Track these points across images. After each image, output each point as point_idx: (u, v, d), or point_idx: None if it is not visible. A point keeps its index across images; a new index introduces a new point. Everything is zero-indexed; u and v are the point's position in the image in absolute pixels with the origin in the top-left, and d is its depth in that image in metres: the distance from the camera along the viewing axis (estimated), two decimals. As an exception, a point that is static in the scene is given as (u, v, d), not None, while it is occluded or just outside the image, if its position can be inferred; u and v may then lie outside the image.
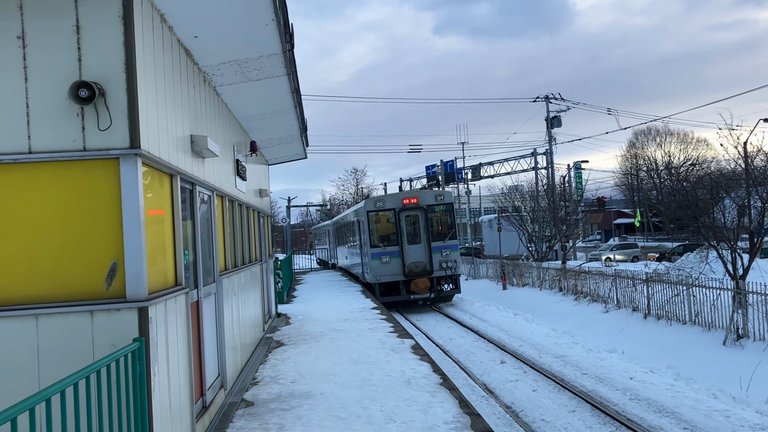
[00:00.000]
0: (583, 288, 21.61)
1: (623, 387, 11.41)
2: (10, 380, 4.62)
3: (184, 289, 6.14)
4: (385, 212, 23.87)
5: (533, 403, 10.79)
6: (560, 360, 13.97)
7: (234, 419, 7.43)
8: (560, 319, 19.39)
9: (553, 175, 45.73)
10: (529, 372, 13.04)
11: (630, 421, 9.46)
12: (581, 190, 46.70)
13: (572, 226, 36.28)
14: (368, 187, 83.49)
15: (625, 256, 46.18)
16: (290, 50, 7.86)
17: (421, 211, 23.52)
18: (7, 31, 4.74)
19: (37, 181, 4.82)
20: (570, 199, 38.69)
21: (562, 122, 48.07)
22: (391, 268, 23.19)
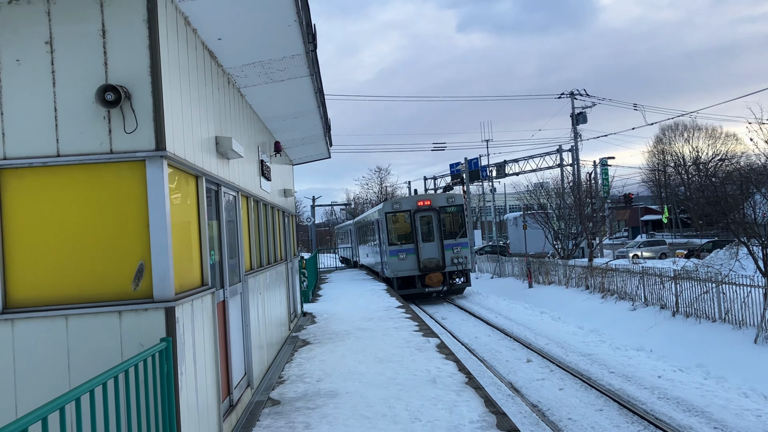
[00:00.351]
0: (610, 286, 21.39)
1: (651, 386, 11.27)
2: (42, 379, 4.71)
3: (210, 288, 6.20)
4: (402, 213, 26.18)
5: (560, 401, 10.71)
6: (587, 358, 13.84)
7: (260, 418, 7.48)
8: (587, 317, 19.22)
9: (579, 172, 45.31)
10: (555, 371, 12.95)
11: (658, 420, 9.35)
12: (607, 187, 46.19)
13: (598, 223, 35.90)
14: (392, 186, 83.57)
15: (653, 253, 45.61)
16: (313, 51, 7.89)
17: (434, 212, 25.88)
18: (35, 37, 4.83)
19: (66, 183, 4.90)
20: (596, 195, 38.29)
21: (587, 118, 47.57)
22: (407, 264, 25.51)
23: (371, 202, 79.77)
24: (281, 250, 13.83)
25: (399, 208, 26.38)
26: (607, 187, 46.27)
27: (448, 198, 26.85)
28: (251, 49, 7.37)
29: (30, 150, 4.82)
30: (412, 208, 26.07)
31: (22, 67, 4.83)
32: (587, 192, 36.99)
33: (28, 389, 4.72)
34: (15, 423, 2.66)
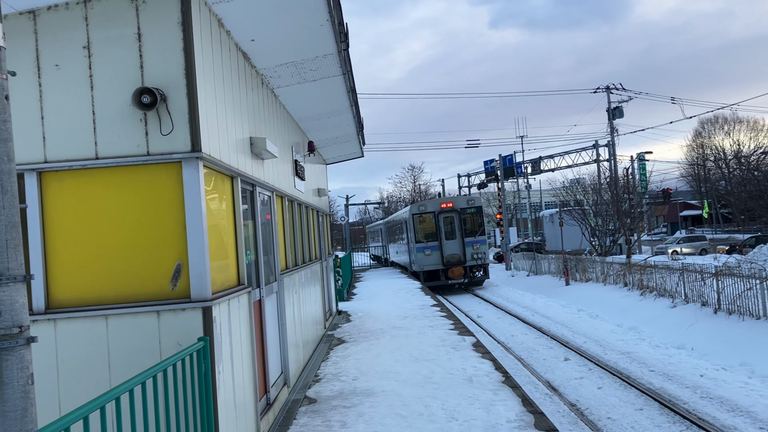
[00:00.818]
0: (648, 282, 21.01)
1: (693, 384, 11.03)
2: (83, 378, 4.80)
3: (246, 288, 6.24)
4: (427, 214, 29.28)
5: (599, 400, 10.55)
6: (626, 357, 13.62)
7: (297, 416, 7.52)
8: (625, 315, 18.91)
9: (616, 168, 44.63)
10: (593, 369, 12.76)
11: (701, 420, 9.14)
12: (645, 182, 45.43)
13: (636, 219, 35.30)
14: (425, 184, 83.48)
15: (693, 249, 44.68)
16: (345, 50, 7.90)
17: (455, 213, 28.95)
18: (73, 42, 4.92)
19: (104, 185, 4.98)
20: (634, 191, 37.65)
21: (623, 113, 46.89)
22: (432, 259, 28.59)
23: (404, 200, 79.77)
24: (316, 249, 13.89)
25: (424, 210, 29.42)
26: (645, 182, 45.52)
27: (468, 200, 30.08)
28: (284, 50, 7.41)
29: (69, 153, 4.91)
30: (436, 209, 29.09)
31: (61, 71, 4.93)
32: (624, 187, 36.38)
33: (70, 387, 4.81)
34: (57, 422, 2.71)
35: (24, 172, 4.86)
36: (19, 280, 3.20)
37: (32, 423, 3.14)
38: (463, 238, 28.60)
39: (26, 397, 3.14)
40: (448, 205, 29.19)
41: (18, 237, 3.22)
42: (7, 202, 3.20)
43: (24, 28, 4.93)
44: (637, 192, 38.70)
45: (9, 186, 3.21)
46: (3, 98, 3.22)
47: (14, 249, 3.20)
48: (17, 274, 3.19)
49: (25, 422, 3.11)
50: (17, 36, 4.88)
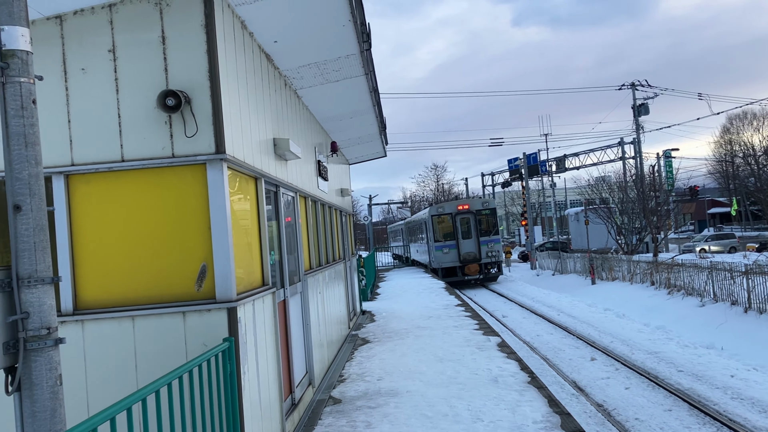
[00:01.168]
0: (676, 281, 20.72)
1: (723, 385, 10.85)
2: (111, 378, 4.85)
3: (270, 288, 6.26)
4: (445, 215, 31.65)
5: (626, 401, 10.42)
6: (654, 356, 13.44)
7: (322, 416, 7.53)
8: (653, 314, 18.67)
9: (642, 165, 44.11)
10: (621, 369, 12.61)
11: (732, 421, 8.98)
12: (672, 180, 44.84)
13: (663, 217, 34.86)
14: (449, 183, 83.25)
15: (722, 247, 43.95)
16: (368, 50, 7.89)
17: (471, 215, 31.24)
18: (99, 46, 4.97)
19: (130, 187, 5.03)
20: (660, 189, 37.18)
21: (649, 110, 46.34)
22: (450, 257, 30.92)
23: (428, 199, 79.65)
24: (339, 249, 13.91)
25: (442, 212, 31.90)
26: (672, 179, 44.94)
27: (483, 202, 32.66)
28: (306, 51, 7.42)
29: (96, 156, 4.96)
30: (453, 211, 31.56)
31: (87, 75, 4.98)
32: (651, 185, 35.96)
33: (98, 387, 4.87)
34: (85, 423, 2.73)
35: (51, 175, 4.92)
36: (47, 282, 3.23)
37: (61, 423, 3.18)
38: (479, 237, 31.00)
39: (55, 397, 3.18)
40: (465, 207, 31.59)
41: (45, 239, 3.26)
42: (35, 205, 3.24)
43: (51, 33, 4.99)
44: (663, 189, 38.22)
45: (37, 189, 3.25)
46: (30, 102, 3.26)
47: (42, 251, 3.24)
48: (45, 276, 3.23)
49: (54, 422, 3.15)
50: (44, 41, 4.94)
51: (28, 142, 3.25)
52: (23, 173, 3.22)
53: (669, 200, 38.54)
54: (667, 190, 39.84)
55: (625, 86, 47.19)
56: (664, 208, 35.48)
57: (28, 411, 3.14)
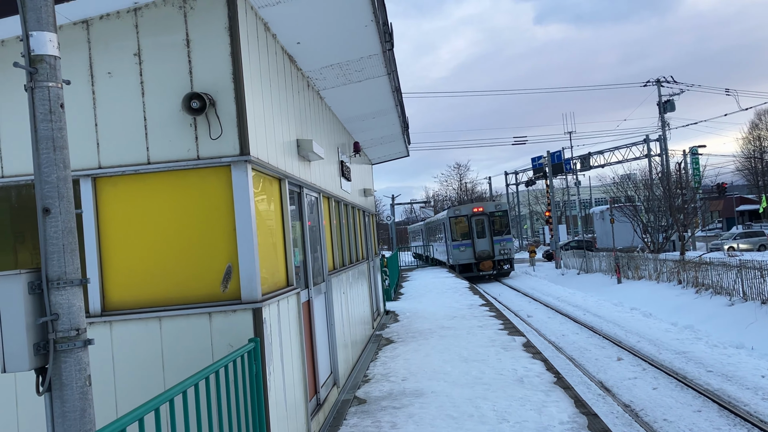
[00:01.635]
0: (704, 280, 20.40)
1: (754, 386, 10.66)
2: (139, 378, 4.90)
3: (295, 289, 6.29)
4: (461, 217, 34.86)
5: (654, 401, 10.28)
6: (682, 356, 13.25)
7: (347, 416, 7.54)
8: (680, 314, 18.41)
9: (668, 162, 43.55)
10: (648, 369, 12.45)
11: (763, 422, 8.82)
12: (699, 177, 44.21)
13: (690, 214, 34.38)
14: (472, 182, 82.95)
15: (751, 245, 43.20)
16: (390, 50, 7.89)
17: (485, 216, 34.43)
18: (124, 50, 5.02)
19: (156, 189, 5.08)
20: (687, 186, 36.68)
21: (675, 106, 45.72)
22: (466, 255, 34.18)
23: (450, 198, 79.54)
24: (363, 249, 13.92)
25: (459, 213, 35.17)
26: (699, 176, 44.32)
27: (495, 205, 35.94)
28: (329, 52, 7.44)
29: (122, 159, 5.02)
30: (469, 213, 34.80)
31: (113, 79, 5.04)
32: (677, 182, 35.49)
33: (126, 387, 4.92)
34: (114, 423, 2.76)
35: (79, 177, 4.98)
36: (75, 283, 3.27)
37: (90, 423, 3.21)
38: (492, 236, 34.08)
39: (84, 398, 3.21)
40: (479, 209, 34.82)
41: (74, 242, 3.30)
42: (64, 207, 3.28)
43: (78, 37, 5.05)
44: (690, 187, 37.70)
45: (65, 192, 3.29)
46: (58, 107, 3.31)
47: (71, 254, 3.28)
48: (74, 278, 3.27)
49: (84, 422, 3.19)
50: (71, 46, 5.01)
51: (56, 145, 3.29)
52: (52, 176, 3.27)
53: (696, 198, 38.02)
54: (693, 188, 39.30)
55: (650, 83, 46.64)
56: (691, 205, 35.00)
57: (59, 411, 3.18)
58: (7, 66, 5.11)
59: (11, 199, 5.30)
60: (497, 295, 27.63)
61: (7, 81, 5.15)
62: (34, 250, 5.30)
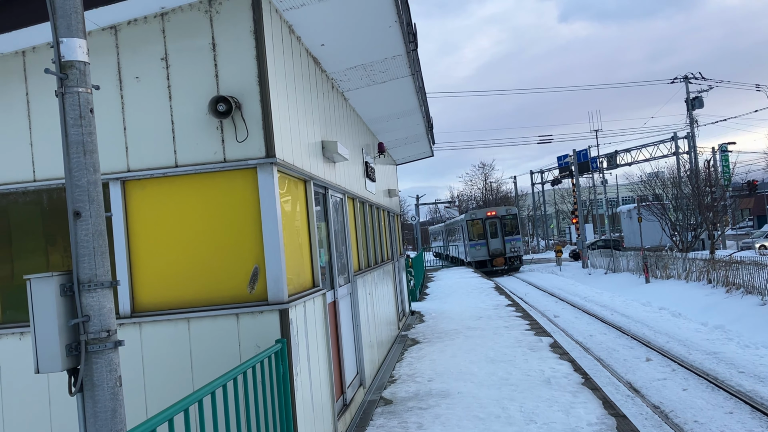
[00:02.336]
0: (734, 279, 20.06)
1: (788, 387, 10.45)
2: (167, 379, 4.96)
3: (321, 290, 6.31)
4: (477, 220, 39.76)
5: (684, 403, 10.13)
6: (712, 357, 13.04)
7: (374, 417, 7.55)
8: (710, 313, 18.12)
9: (696, 160, 42.91)
10: (678, 370, 12.28)
11: (797, 424, 8.65)
12: (728, 174, 43.48)
13: (720, 213, 33.83)
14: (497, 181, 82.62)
15: (783, 244, 42.39)
16: (414, 50, 7.88)
17: (497, 219, 39.28)
18: (152, 55, 5.09)
19: (183, 192, 5.13)
20: (716, 184, 36.10)
21: (704, 103, 45.06)
22: (481, 252, 39.11)
23: (475, 198, 79.34)
24: (387, 250, 13.93)
25: (475, 217, 40.03)
26: (728, 174, 43.60)
27: (507, 210, 40.67)
28: (353, 53, 7.46)
29: (151, 162, 5.08)
30: (483, 216, 39.68)
31: (141, 83, 5.11)
32: (706, 180, 34.95)
33: (155, 388, 4.98)
34: (145, 424, 2.80)
35: (108, 181, 5.05)
36: (106, 286, 3.32)
37: (121, 423, 3.26)
38: (504, 237, 38.88)
39: (115, 398, 3.26)
40: (492, 213, 39.77)
41: (104, 245, 3.35)
42: (94, 211, 3.33)
43: (106, 43, 5.13)
44: (719, 185, 37.10)
45: (95, 195, 3.34)
46: (88, 111, 3.36)
47: (101, 256, 3.33)
48: (104, 280, 3.32)
49: (115, 422, 3.24)
50: (100, 51, 5.08)
51: (86, 150, 3.35)
52: (82, 180, 3.32)
53: (726, 195, 37.42)
54: (723, 185, 38.67)
55: (678, 79, 46.01)
56: (721, 203, 34.44)
57: (90, 411, 3.23)
58: (37, 72, 5.22)
59: (43, 202, 5.40)
60: (523, 295, 27.46)
61: (38, 86, 5.25)
62: (64, 252, 5.39)
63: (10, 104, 5.30)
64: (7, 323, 5.35)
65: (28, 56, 5.29)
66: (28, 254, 5.51)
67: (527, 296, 27.35)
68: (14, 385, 5.23)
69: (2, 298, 5.45)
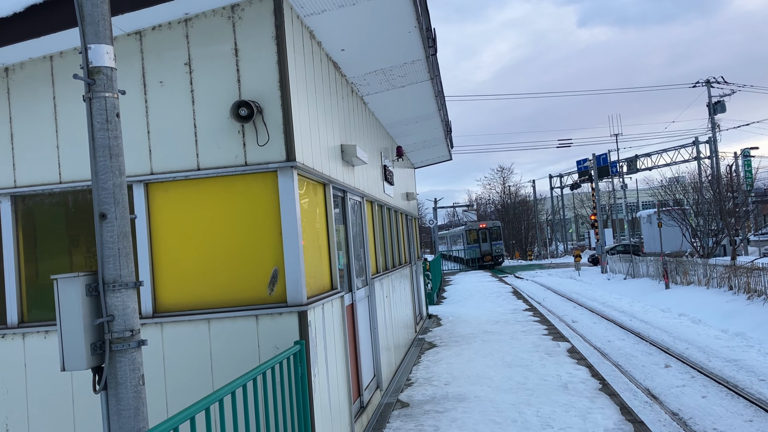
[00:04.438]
0: (756, 286, 19.82)
1: (809, 396, 10.32)
2: (188, 379, 5.04)
3: (339, 292, 6.37)
4: (473, 230, 52.99)
5: (703, 410, 10.05)
6: (732, 364, 12.91)
7: (390, 420, 7.59)
8: (731, 320, 17.92)
9: (718, 165, 42.47)
10: (697, 377, 12.17)
11: (818, 433, 8.55)
12: (751, 179, 43.02)
13: (742, 218, 33.47)
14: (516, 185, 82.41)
15: (807, 250, 41.79)
16: (433, 55, 7.93)
17: (487, 230, 52.58)
18: (176, 60, 5.18)
19: (205, 195, 5.21)
20: (738, 189, 35.71)
21: (726, 107, 44.57)
22: (475, 252, 52.18)
23: (494, 201, 79.18)
24: (405, 253, 13.96)
25: (472, 228, 53.28)
26: (751, 179, 43.13)
27: (493, 223, 54.94)
28: (373, 58, 7.52)
29: (173, 165, 5.17)
30: (477, 228, 52.71)
31: (165, 88, 5.20)
32: (728, 185, 34.58)
33: (176, 387, 5.06)
34: (167, 422, 2.86)
35: (132, 183, 5.15)
36: (130, 286, 3.40)
37: (144, 421, 3.33)
38: (491, 242, 52.34)
39: (138, 396, 3.33)
40: (483, 225, 52.85)
41: (129, 246, 3.43)
42: (119, 213, 3.41)
43: (131, 48, 5.23)
44: (741, 190, 36.70)
45: (120, 198, 3.42)
46: (114, 116, 3.44)
47: (126, 257, 3.41)
48: (129, 280, 3.40)
49: (138, 420, 3.31)
50: (125, 56, 5.18)
51: (112, 153, 3.43)
52: (108, 183, 3.40)
53: (748, 201, 37.00)
54: (745, 191, 38.24)
55: (699, 83, 45.59)
56: (743, 209, 34.07)
57: (114, 409, 3.31)
58: (65, 77, 5.33)
59: (68, 204, 5.51)
60: (541, 300, 27.33)
61: (64, 91, 5.36)
62: (87, 253, 5.49)
63: (37, 108, 5.42)
64: (33, 322, 5.47)
65: (55, 61, 5.41)
66: (52, 254, 5.63)
67: (545, 301, 27.22)
68: (39, 383, 5.34)
69: (27, 297, 5.56)
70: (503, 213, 74.51)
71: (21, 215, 5.58)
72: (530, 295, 28.88)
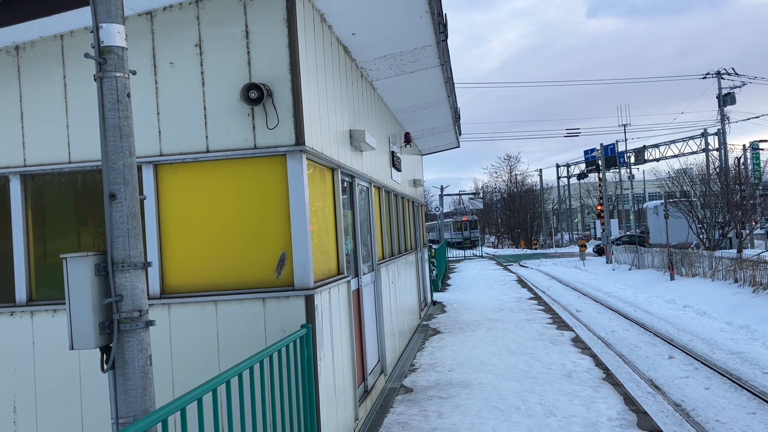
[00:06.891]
0: (762, 279, 19.77)
1: (813, 389, 10.31)
2: (194, 360, 5.06)
3: (346, 277, 6.37)
4: (458, 221, 65.35)
5: (706, 402, 10.06)
6: (736, 357, 12.90)
7: (394, 404, 7.62)
8: (736, 313, 17.89)
9: (726, 157, 42.25)
10: (700, 368, 12.18)
11: (822, 427, 8.55)
12: (759, 172, 42.76)
13: (749, 211, 33.32)
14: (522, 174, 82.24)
15: (814, 244, 41.61)
16: (444, 40, 7.88)
17: (468, 221, 64.74)
18: (186, 40, 5.16)
19: (213, 177, 5.21)
20: (746, 182, 35.53)
21: (736, 99, 44.26)
22: (459, 237, 62.60)
23: (500, 190, 79.05)
24: (411, 240, 13.97)
25: (457, 220, 65.78)
26: (759, 172, 42.87)
27: (471, 216, 67.73)
28: (383, 43, 7.47)
29: (183, 146, 5.17)
30: (461, 220, 65.02)
31: (175, 69, 5.18)
32: (736, 178, 34.41)
33: (182, 368, 5.09)
34: (174, 402, 2.88)
35: (142, 164, 5.15)
36: (139, 267, 3.41)
37: (150, 401, 3.35)
38: (470, 231, 63.83)
39: (145, 376, 3.35)
40: (465, 219, 65.30)
41: (138, 227, 3.43)
42: (129, 193, 3.41)
43: (142, 28, 5.21)
44: (749, 183, 36.52)
45: (130, 178, 3.42)
46: (125, 96, 3.43)
47: (135, 238, 3.41)
48: (137, 261, 3.40)
49: (145, 400, 3.33)
50: (136, 36, 5.16)
51: (122, 133, 3.43)
52: (118, 163, 3.40)
53: (756, 194, 36.82)
54: (753, 184, 38.04)
55: (710, 75, 45.25)
56: (750, 202, 33.91)
57: (121, 388, 3.32)
58: (75, 56, 5.32)
59: (77, 183, 5.52)
60: (546, 289, 27.34)
61: (75, 70, 5.35)
62: (95, 233, 5.51)
63: (48, 87, 5.42)
64: (41, 300, 5.50)
65: (66, 40, 5.39)
66: (61, 234, 5.65)
67: (550, 290, 27.22)
68: (47, 361, 5.38)
69: (36, 276, 5.59)
70: (509, 201, 74.51)
71: (30, 194, 5.59)
72: (535, 283, 28.88)
